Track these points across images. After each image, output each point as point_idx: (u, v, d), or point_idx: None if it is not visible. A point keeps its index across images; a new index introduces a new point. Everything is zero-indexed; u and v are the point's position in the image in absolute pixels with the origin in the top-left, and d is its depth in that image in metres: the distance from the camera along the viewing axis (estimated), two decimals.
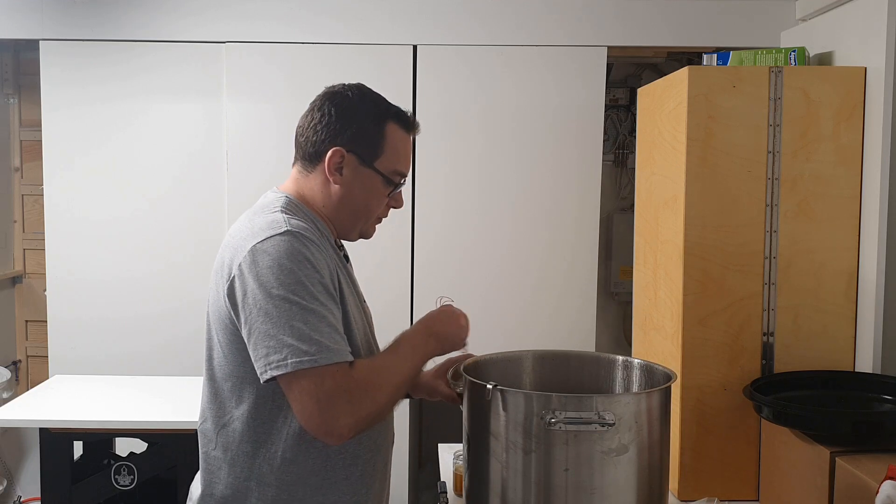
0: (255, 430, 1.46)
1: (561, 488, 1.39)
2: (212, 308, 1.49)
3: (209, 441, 1.52)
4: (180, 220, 3.19)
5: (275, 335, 1.35)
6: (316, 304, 1.37)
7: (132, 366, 3.17)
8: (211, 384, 1.51)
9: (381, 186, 1.56)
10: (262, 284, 1.37)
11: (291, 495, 1.47)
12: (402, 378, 1.48)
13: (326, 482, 1.49)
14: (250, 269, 1.38)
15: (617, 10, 3.08)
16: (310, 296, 1.37)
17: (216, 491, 1.50)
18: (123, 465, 2.67)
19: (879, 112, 1.98)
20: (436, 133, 3.12)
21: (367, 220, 1.60)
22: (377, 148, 1.54)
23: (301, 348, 1.34)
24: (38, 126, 3.26)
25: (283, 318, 1.35)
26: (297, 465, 1.47)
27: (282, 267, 1.37)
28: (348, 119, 1.52)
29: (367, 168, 1.54)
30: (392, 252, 3.12)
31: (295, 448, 1.46)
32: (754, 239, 2.02)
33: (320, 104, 1.55)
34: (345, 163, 1.52)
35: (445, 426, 3.32)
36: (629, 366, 1.70)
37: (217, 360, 1.49)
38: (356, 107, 1.54)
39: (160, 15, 3.12)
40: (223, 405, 1.49)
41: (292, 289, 1.36)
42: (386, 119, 1.55)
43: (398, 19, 3.10)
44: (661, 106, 2.22)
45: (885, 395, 1.88)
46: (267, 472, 1.46)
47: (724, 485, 2.03)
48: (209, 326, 1.51)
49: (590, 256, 3.16)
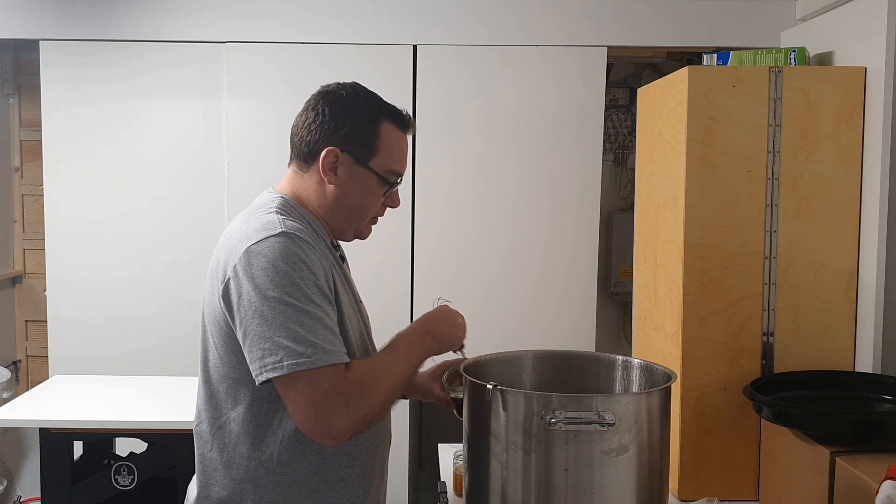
0: (251, 431, 1.46)
1: (561, 488, 1.39)
2: (207, 310, 1.49)
3: (205, 443, 1.51)
4: (180, 220, 3.19)
5: (270, 337, 1.34)
6: (311, 306, 1.37)
7: (132, 366, 3.17)
8: (206, 386, 1.51)
9: (376, 186, 1.55)
10: (257, 286, 1.36)
11: (288, 497, 1.47)
12: (399, 378, 1.47)
13: (324, 484, 1.49)
14: (245, 270, 1.38)
15: (617, 10, 3.08)
16: (305, 297, 1.36)
17: (212, 493, 1.49)
18: (123, 465, 2.67)
19: (879, 112, 1.98)
20: (436, 133, 3.12)
21: (362, 220, 1.59)
22: (372, 147, 1.53)
23: (297, 350, 1.33)
24: (38, 126, 3.26)
25: (279, 319, 1.34)
26: (294, 466, 1.46)
27: (276, 269, 1.37)
28: (342, 118, 1.52)
29: (361, 168, 1.53)
30: (392, 252, 3.12)
31: (291, 450, 1.46)
32: (754, 239, 2.02)
33: (314, 103, 1.55)
34: (339, 162, 1.52)
35: (445, 426, 3.32)
36: (629, 366, 1.70)
37: (213, 361, 1.49)
38: (350, 106, 1.53)
39: (160, 15, 3.12)
40: (219, 407, 1.49)
41: (287, 290, 1.36)
42: (380, 118, 1.54)
43: (398, 19, 3.10)
44: (661, 106, 2.22)
45: (885, 395, 1.88)
46: (263, 473, 1.46)
47: (724, 485, 2.03)
48: (204, 328, 1.50)
49: (590, 256, 3.16)
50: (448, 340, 1.59)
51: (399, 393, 1.49)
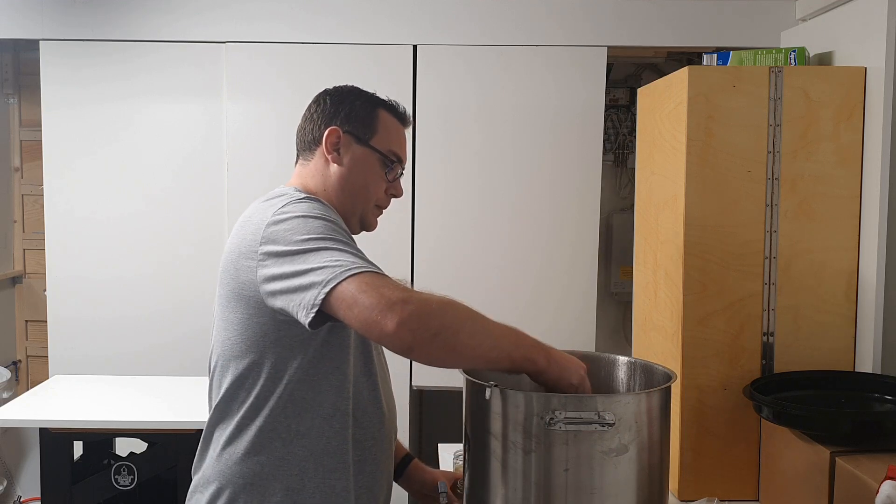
0: (243, 403, 1.46)
1: (561, 488, 1.39)
2: (221, 285, 1.49)
3: (224, 416, 1.51)
4: (180, 220, 3.19)
5: (307, 272, 1.32)
6: (342, 243, 1.35)
7: (132, 366, 3.17)
8: (222, 368, 1.52)
9: (378, 166, 1.60)
10: (288, 239, 1.36)
11: (303, 470, 1.47)
12: (493, 333, 1.32)
13: (341, 465, 1.49)
14: (272, 234, 1.39)
15: (617, 10, 3.08)
16: (334, 234, 1.37)
17: (224, 467, 1.49)
18: (123, 465, 2.67)
19: (879, 112, 1.98)
20: (436, 133, 3.12)
21: (366, 204, 1.61)
22: (370, 127, 1.59)
23: (338, 264, 1.29)
24: (38, 126, 3.26)
25: (312, 255, 1.33)
26: (310, 439, 1.47)
27: (305, 219, 1.39)
28: (341, 103, 1.60)
29: (363, 146, 1.58)
30: (392, 252, 3.12)
31: (305, 421, 1.46)
32: (754, 239, 2.02)
33: (316, 99, 1.64)
34: (342, 143, 1.58)
35: (445, 426, 3.32)
36: (629, 366, 1.70)
37: (220, 342, 1.50)
38: (349, 93, 1.63)
39: (160, 15, 3.12)
40: (216, 388, 1.51)
41: (318, 232, 1.36)
42: (377, 105, 1.62)
43: (398, 19, 3.10)
44: (661, 106, 2.22)
45: (885, 395, 1.88)
46: (279, 446, 1.46)
47: (724, 485, 2.03)
48: (216, 313, 1.51)
49: (590, 256, 3.16)
50: (559, 374, 1.38)
51: (485, 351, 1.31)
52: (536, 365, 1.37)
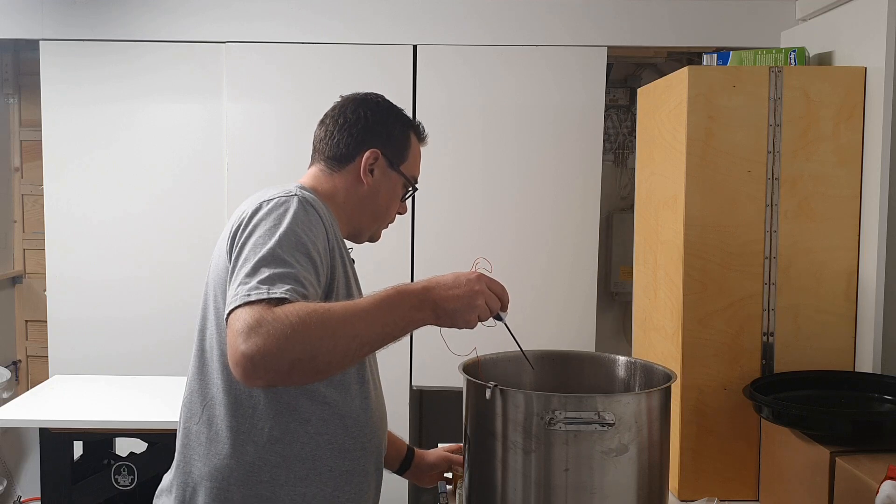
0: (241, 401, 1.44)
1: (561, 488, 1.39)
2: (212, 276, 1.48)
3: (193, 415, 1.49)
4: (180, 220, 3.19)
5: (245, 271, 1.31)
6: (292, 258, 1.32)
7: (132, 366, 3.17)
8: (199, 356, 1.50)
9: (400, 189, 1.64)
10: (255, 230, 1.36)
11: (274, 478, 1.44)
12: (356, 333, 1.25)
13: (313, 472, 1.46)
14: (251, 215, 1.39)
15: (617, 10, 3.08)
16: (291, 248, 1.34)
17: (194, 469, 1.47)
18: (123, 465, 2.67)
19: (879, 112, 1.98)
20: (436, 133, 3.08)
21: (382, 222, 1.66)
22: (404, 152, 1.63)
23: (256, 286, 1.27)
24: (38, 126, 3.26)
25: (256, 260, 1.31)
26: (284, 445, 1.44)
27: (278, 220, 1.37)
28: (382, 123, 1.61)
29: (394, 171, 1.61)
30: (392, 252, 3.12)
31: (283, 426, 1.43)
32: (754, 239, 2.02)
33: (353, 107, 1.61)
34: (377, 165, 1.59)
35: (445, 426, 3.32)
36: (629, 366, 1.70)
37: (209, 330, 1.48)
38: (388, 112, 1.63)
39: (160, 15, 3.12)
40: (209, 377, 1.47)
41: (279, 239, 1.33)
42: (410, 127, 1.65)
43: (398, 19, 3.10)
44: (661, 106, 2.22)
45: (885, 395, 1.88)
46: (251, 450, 1.43)
47: (724, 485, 2.03)
48: (205, 298, 1.49)
49: (590, 256, 3.16)
50: (451, 318, 1.33)
51: (355, 349, 1.26)
52: (426, 322, 1.31)
